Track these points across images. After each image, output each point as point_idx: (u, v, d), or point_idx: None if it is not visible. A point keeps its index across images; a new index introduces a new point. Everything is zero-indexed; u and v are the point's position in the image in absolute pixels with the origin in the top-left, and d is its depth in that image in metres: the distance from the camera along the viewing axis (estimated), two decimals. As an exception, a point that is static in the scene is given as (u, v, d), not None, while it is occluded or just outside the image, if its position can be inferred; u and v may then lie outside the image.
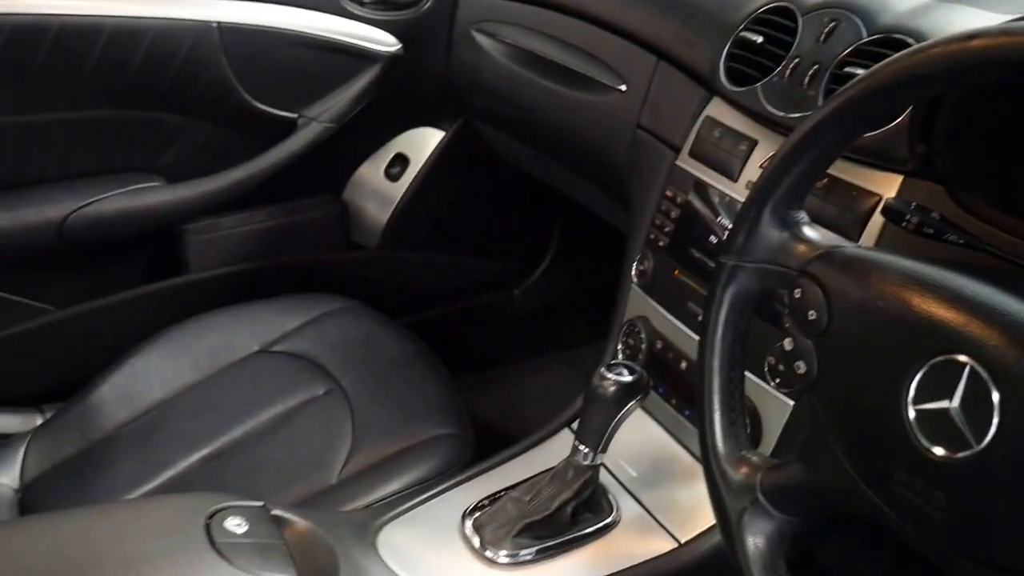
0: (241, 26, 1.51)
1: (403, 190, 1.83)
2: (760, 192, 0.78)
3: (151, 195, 1.59)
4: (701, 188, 1.15)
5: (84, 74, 1.43)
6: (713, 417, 0.80)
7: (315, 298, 1.55)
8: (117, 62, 1.44)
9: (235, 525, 0.92)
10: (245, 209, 1.69)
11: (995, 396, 0.59)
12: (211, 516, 0.93)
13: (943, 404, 0.62)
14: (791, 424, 0.98)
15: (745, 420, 0.82)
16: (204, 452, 1.29)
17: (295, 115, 1.62)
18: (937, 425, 0.62)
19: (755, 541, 0.75)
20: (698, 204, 1.15)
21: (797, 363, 0.73)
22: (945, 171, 0.91)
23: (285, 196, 1.74)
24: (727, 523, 0.77)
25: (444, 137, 1.82)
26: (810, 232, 0.77)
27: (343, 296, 1.56)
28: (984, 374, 0.60)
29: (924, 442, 0.63)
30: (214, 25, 1.49)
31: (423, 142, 1.83)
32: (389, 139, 1.82)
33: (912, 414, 0.63)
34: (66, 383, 1.44)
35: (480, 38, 1.65)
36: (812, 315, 0.72)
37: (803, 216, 0.78)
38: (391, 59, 1.65)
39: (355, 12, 1.61)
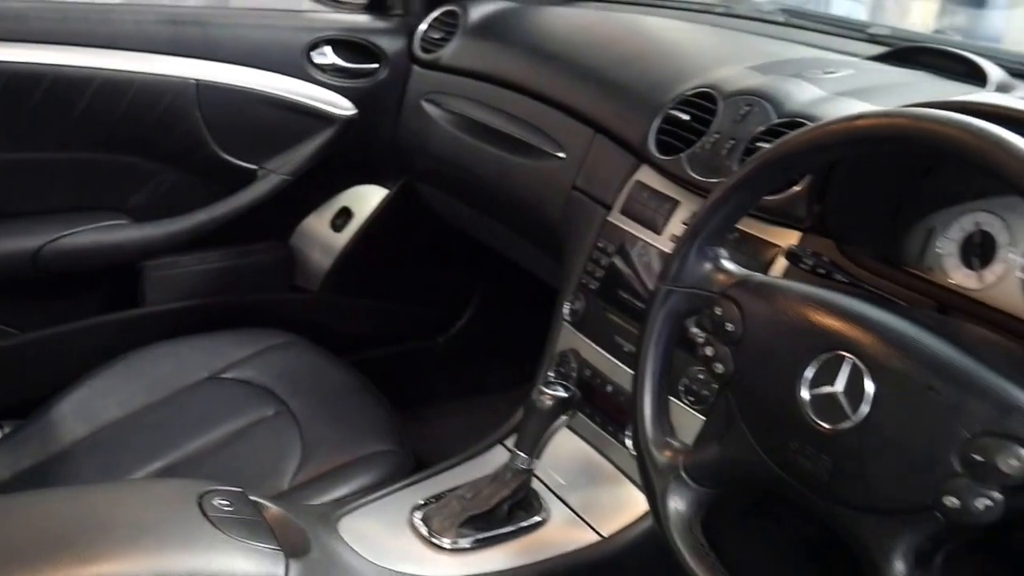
0: (217, 84, 1.67)
1: (346, 240, 1.96)
2: (691, 232, 0.94)
3: (119, 232, 1.70)
4: (630, 240, 1.31)
5: (72, 120, 1.55)
6: (644, 410, 0.94)
7: (262, 332, 1.65)
8: (103, 111, 1.57)
9: (222, 504, 1.01)
10: (202, 249, 1.80)
11: (868, 382, 0.77)
12: (200, 496, 1.01)
13: (829, 389, 0.80)
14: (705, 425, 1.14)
15: (669, 414, 0.97)
16: (160, 464, 1.36)
17: (255, 166, 1.76)
18: (825, 405, 0.80)
19: (676, 508, 0.90)
20: (627, 254, 1.31)
21: (716, 364, 0.89)
22: (835, 229, 1.09)
23: (239, 239, 1.85)
24: (653, 495, 0.91)
25: (387, 195, 1.96)
26: (729, 265, 0.94)
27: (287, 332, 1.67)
28: (861, 366, 0.78)
29: (815, 419, 0.80)
30: (193, 82, 1.64)
31: (367, 198, 1.97)
32: (336, 193, 1.97)
33: (807, 397, 0.81)
34: (27, 402, 1.50)
35: (428, 107, 1.81)
36: (729, 327, 0.88)
37: (723, 252, 0.95)
38: (346, 122, 1.80)
39: (317, 78, 1.78)
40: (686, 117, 1.31)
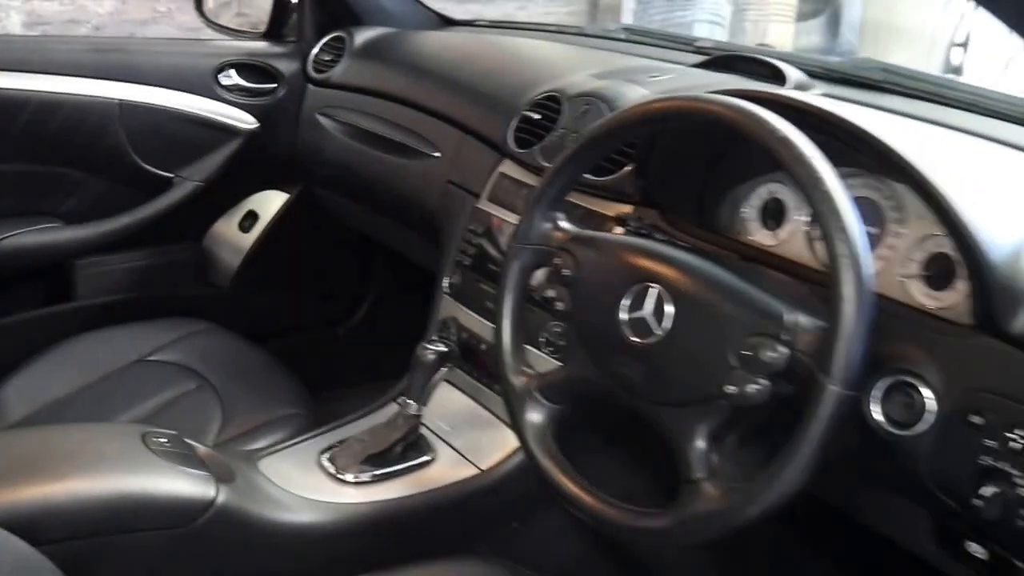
0: (137, 104, 1.78)
1: (252, 241, 2.04)
2: (535, 199, 1.07)
3: (54, 234, 1.80)
4: (496, 222, 1.43)
5: (12, 136, 1.65)
6: (504, 344, 1.07)
7: (182, 321, 1.73)
8: (39, 128, 1.68)
9: (161, 441, 1.12)
10: (127, 249, 1.89)
11: (668, 305, 0.92)
12: (143, 435, 1.12)
13: (640, 312, 0.94)
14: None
15: (524, 347, 1.09)
16: (98, 433, 1.44)
17: (172, 175, 1.86)
18: (637, 325, 0.94)
19: (531, 421, 1.02)
20: (493, 233, 1.43)
21: (558, 303, 1.02)
22: (659, 200, 1.23)
23: (159, 240, 1.93)
24: (513, 412, 1.04)
25: (288, 199, 2.06)
26: (566, 224, 1.07)
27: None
28: (663, 292, 0.93)
29: (631, 336, 0.94)
30: (116, 102, 1.75)
31: (271, 202, 2.06)
32: (243, 198, 2.06)
33: (625, 318, 0.95)
34: None
35: (323, 120, 1.91)
36: (566, 272, 1.02)
37: (561, 215, 1.07)
38: (250, 134, 1.90)
39: (224, 96, 1.89)
40: (537, 116, 1.44)
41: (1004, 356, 0.87)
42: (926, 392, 0.90)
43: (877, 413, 0.91)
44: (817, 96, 1.35)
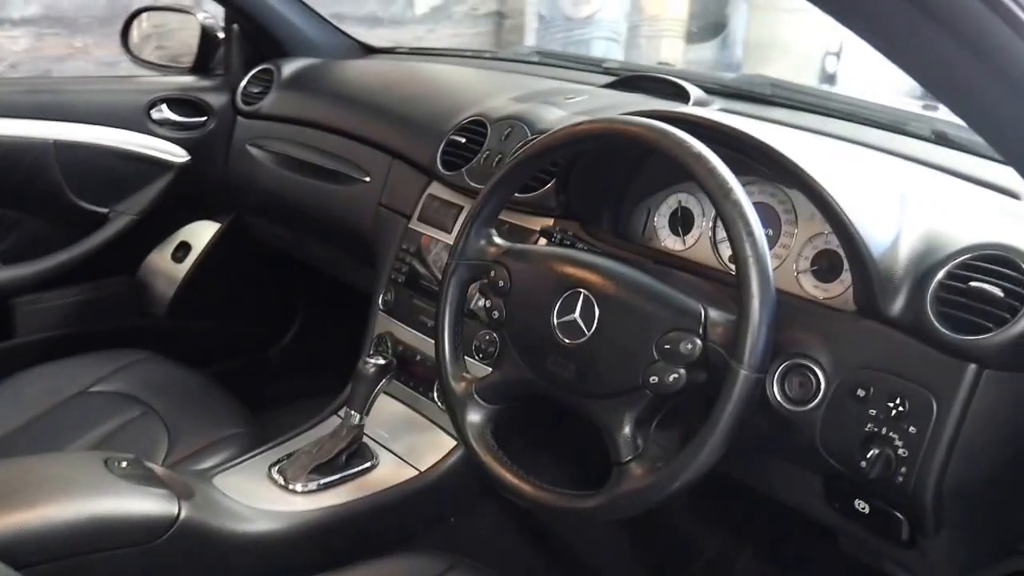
0: (72, 142, 1.79)
1: (186, 270, 2.06)
2: (470, 218, 1.13)
3: None
4: (427, 240, 1.50)
5: None
6: (444, 354, 1.13)
7: (121, 352, 1.73)
8: None
9: (122, 466, 1.16)
10: (65, 285, 1.89)
11: (595, 308, 1.00)
12: (105, 460, 1.16)
13: (570, 316, 1.02)
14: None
15: (463, 356, 1.15)
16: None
17: (107, 210, 1.87)
18: (568, 328, 1.01)
19: (472, 421, 1.09)
20: (425, 251, 1.50)
21: (494, 313, 1.09)
22: (579, 213, 1.31)
23: (95, 274, 1.94)
24: (455, 414, 1.10)
25: (219, 228, 2.08)
26: (499, 240, 1.14)
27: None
28: (590, 297, 1.00)
29: (562, 338, 1.01)
30: (51, 141, 1.76)
31: (202, 232, 2.09)
32: (176, 229, 2.08)
33: (556, 323, 1.02)
34: None
35: (253, 150, 1.95)
36: (501, 284, 1.09)
37: (494, 232, 1.14)
38: (181, 167, 1.93)
39: (156, 131, 1.92)
40: (463, 140, 1.51)
41: (884, 336, 0.97)
42: (818, 372, 0.99)
43: (775, 393, 1.00)
44: (717, 111, 1.45)
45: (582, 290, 1.01)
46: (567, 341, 1.01)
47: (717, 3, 6.13)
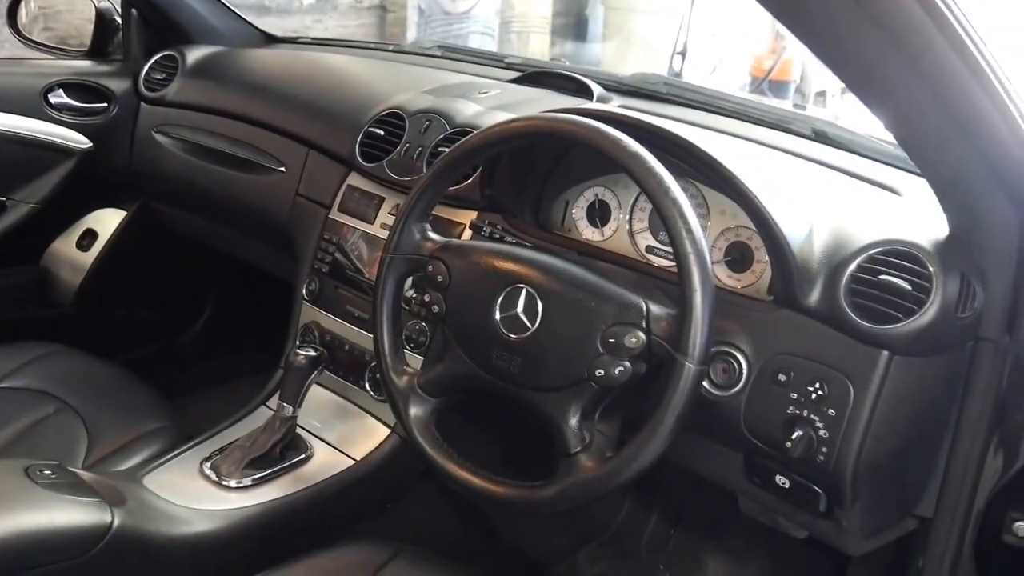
0: None
1: (92, 258, 1.88)
2: (403, 214, 1.06)
3: None
4: (349, 231, 1.41)
5: None
6: (384, 349, 1.06)
7: (28, 345, 1.56)
8: None
9: (45, 474, 1.02)
10: None
11: (538, 303, 0.95)
12: (26, 469, 1.02)
13: (513, 312, 0.96)
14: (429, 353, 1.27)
15: (403, 349, 1.09)
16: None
17: (5, 198, 1.67)
18: (511, 322, 0.96)
19: (416, 415, 1.02)
20: (348, 241, 1.41)
21: (434, 307, 1.03)
22: (502, 206, 1.26)
23: None
24: (398, 409, 1.03)
25: (126, 216, 1.91)
26: (433, 235, 1.07)
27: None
28: (532, 292, 0.95)
29: (506, 332, 0.96)
30: None
31: (108, 219, 1.91)
32: (80, 217, 1.89)
33: (498, 318, 0.96)
34: None
35: (159, 138, 1.79)
36: (440, 279, 1.02)
37: (428, 227, 1.08)
38: (83, 154, 1.75)
39: (55, 117, 1.73)
40: (381, 132, 1.42)
41: (802, 325, 0.96)
42: (741, 358, 0.98)
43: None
44: (619, 107, 1.42)
45: (524, 286, 0.96)
46: (511, 336, 0.96)
47: (578, 3, 6.21)
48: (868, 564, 1.37)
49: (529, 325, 0.95)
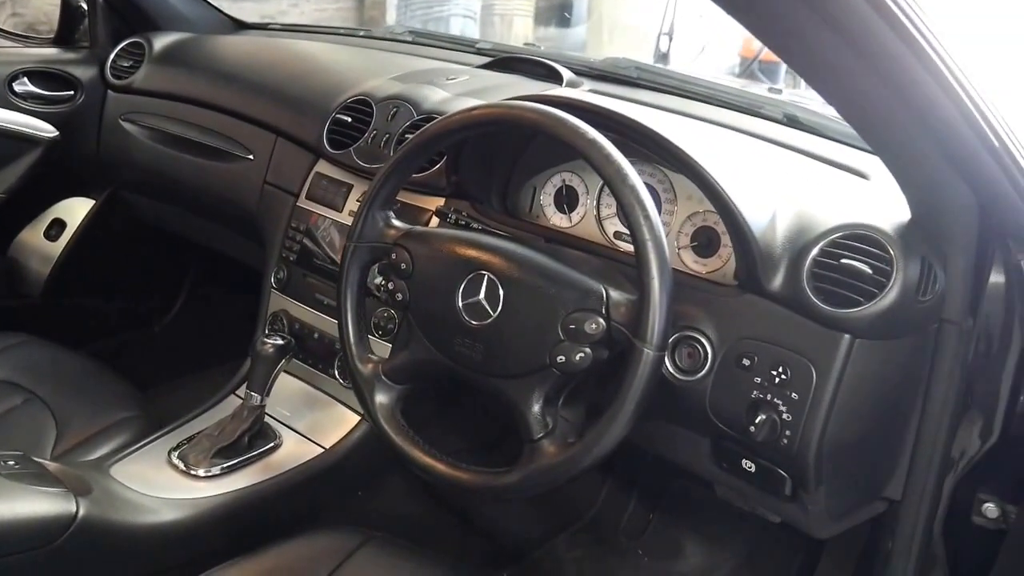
0: None
1: (61, 248, 1.86)
2: (367, 202, 1.05)
3: None
4: (317, 219, 1.40)
5: None
6: (349, 337, 1.05)
7: None
8: None
9: (10, 463, 1.01)
10: None
11: (500, 289, 0.94)
12: None
13: (475, 298, 0.96)
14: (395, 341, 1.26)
15: (368, 337, 1.08)
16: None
17: None
18: (474, 309, 0.96)
19: (381, 402, 1.02)
20: (316, 229, 1.40)
21: (397, 295, 1.02)
22: (469, 192, 1.25)
23: None
24: (363, 396, 1.03)
25: (95, 205, 1.89)
26: (397, 222, 1.06)
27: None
28: (494, 279, 0.95)
29: (468, 319, 0.96)
30: None
31: (77, 209, 1.89)
32: (48, 207, 1.87)
33: (461, 305, 0.96)
34: None
35: (127, 125, 1.77)
36: (403, 266, 1.02)
37: (392, 214, 1.07)
38: (50, 143, 1.72)
39: (20, 105, 1.70)
40: (349, 119, 1.41)
41: (765, 309, 0.97)
42: (705, 343, 0.98)
43: (667, 364, 0.99)
44: (588, 92, 1.42)
45: (486, 273, 0.96)
46: (473, 323, 0.96)
47: (562, -15, 6.16)
48: (842, 547, 1.38)
49: (491, 312, 0.95)
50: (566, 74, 1.54)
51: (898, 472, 1.03)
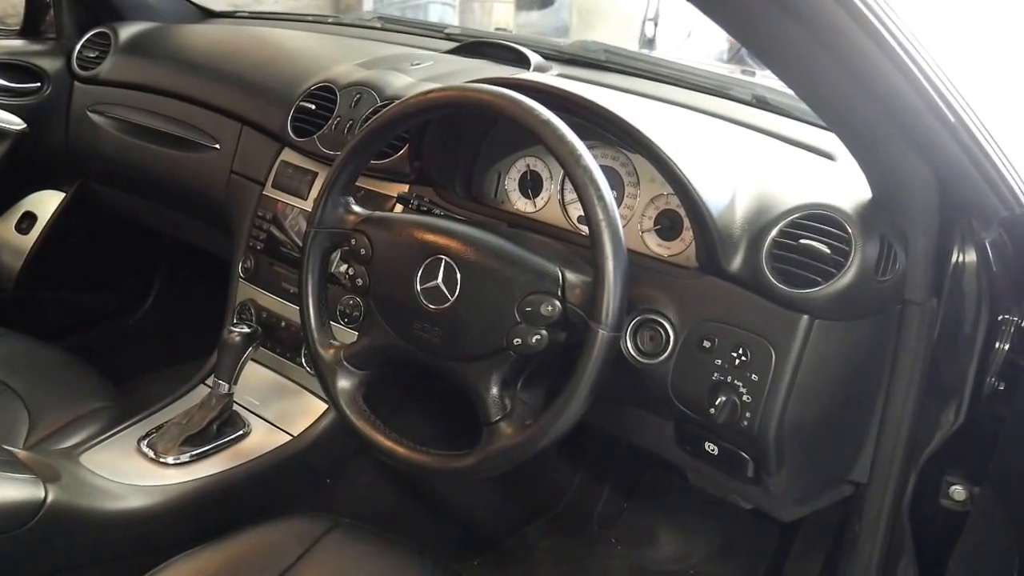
0: None
1: (32, 241, 1.84)
2: (326, 188, 1.05)
3: None
4: (283, 207, 1.40)
5: None
6: (310, 323, 1.05)
7: None
8: None
9: None
10: None
11: (457, 273, 0.94)
12: None
13: (433, 282, 0.96)
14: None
15: (329, 323, 1.08)
16: None
17: None
18: (432, 293, 0.96)
19: (342, 387, 1.02)
20: (282, 218, 1.40)
21: (357, 280, 1.02)
22: (433, 178, 1.25)
23: None
24: (325, 382, 1.03)
25: (65, 197, 1.87)
26: (357, 208, 1.06)
27: None
28: (451, 263, 0.95)
29: (426, 303, 0.96)
30: None
31: (48, 201, 1.87)
32: (18, 200, 1.85)
33: (419, 289, 0.96)
34: None
35: (95, 117, 1.75)
36: (363, 252, 1.01)
37: (352, 200, 1.06)
38: (18, 135, 1.69)
39: (-15, 98, 1.67)
40: (313, 106, 1.40)
41: (725, 291, 0.96)
42: (667, 325, 0.98)
43: (629, 347, 0.99)
44: (557, 76, 1.41)
45: (443, 256, 0.96)
46: (431, 307, 0.95)
47: (545, -31, 6.09)
48: (815, 533, 1.39)
49: (449, 296, 0.94)
50: (534, 58, 1.52)
51: (864, 455, 1.03)
